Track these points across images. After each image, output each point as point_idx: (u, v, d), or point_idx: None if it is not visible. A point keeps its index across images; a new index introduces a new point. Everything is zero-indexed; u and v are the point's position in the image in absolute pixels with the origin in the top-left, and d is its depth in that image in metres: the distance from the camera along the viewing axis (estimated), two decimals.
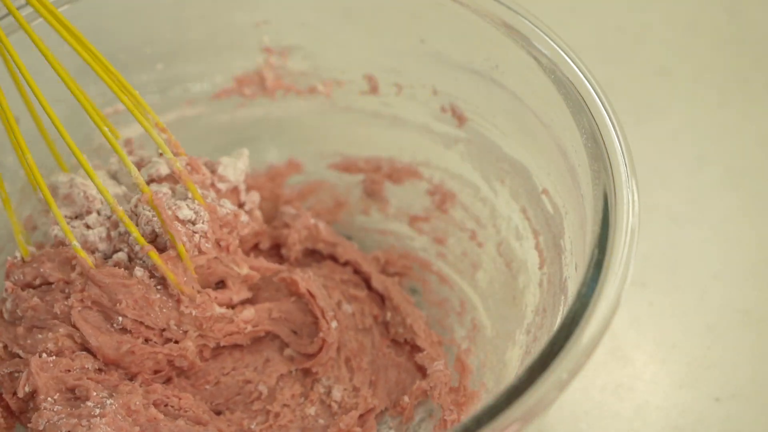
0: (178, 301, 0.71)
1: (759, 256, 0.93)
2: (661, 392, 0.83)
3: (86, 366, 0.69)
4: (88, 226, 0.73)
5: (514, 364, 0.71)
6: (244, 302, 0.77)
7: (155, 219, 0.69)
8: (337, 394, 0.76)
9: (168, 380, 0.74)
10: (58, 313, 0.69)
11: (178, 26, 0.81)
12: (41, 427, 0.64)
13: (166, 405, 0.70)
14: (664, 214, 0.96)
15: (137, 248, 0.70)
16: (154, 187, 0.71)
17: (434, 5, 0.74)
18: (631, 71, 1.09)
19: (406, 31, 0.79)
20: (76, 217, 0.74)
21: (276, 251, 0.86)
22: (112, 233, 0.72)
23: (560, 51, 0.67)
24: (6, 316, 0.72)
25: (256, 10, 0.81)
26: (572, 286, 0.63)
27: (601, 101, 0.64)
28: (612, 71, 0.67)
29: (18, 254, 0.73)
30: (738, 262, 0.93)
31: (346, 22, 0.81)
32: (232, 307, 0.76)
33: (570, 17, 0.75)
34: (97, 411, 0.64)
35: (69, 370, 0.68)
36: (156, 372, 0.73)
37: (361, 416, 0.75)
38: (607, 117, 0.63)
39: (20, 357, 0.70)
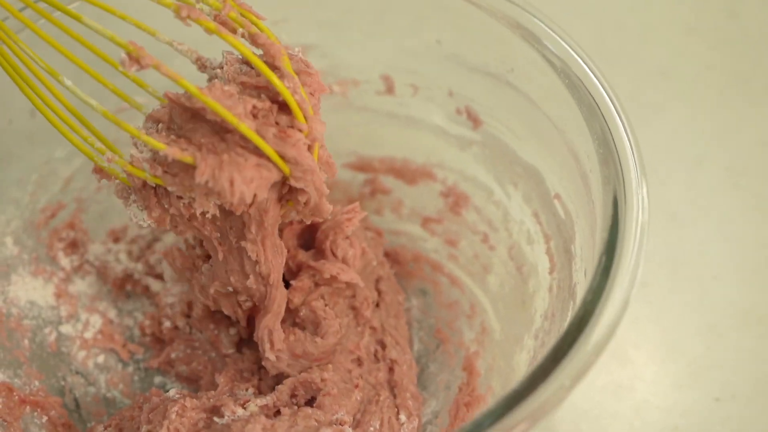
0: None
1: (759, 256, 0.93)
2: (661, 392, 0.84)
3: None
4: None
5: (522, 369, 0.71)
6: None
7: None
8: None
9: None
10: None
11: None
12: None
13: None
14: (664, 213, 0.96)
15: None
16: None
17: (450, 7, 0.74)
18: (632, 71, 1.10)
19: (423, 32, 0.79)
20: None
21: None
22: None
23: (575, 55, 0.66)
24: None
25: (275, 8, 0.80)
26: (581, 292, 0.62)
27: (614, 106, 0.63)
28: (612, 71, 0.67)
29: None
30: (738, 263, 0.93)
31: (363, 21, 0.81)
32: None
33: (570, 17, 0.75)
34: None
35: None
36: None
37: None
38: (619, 122, 0.62)
39: None
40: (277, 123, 0.61)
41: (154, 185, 0.63)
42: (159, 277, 0.86)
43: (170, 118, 0.62)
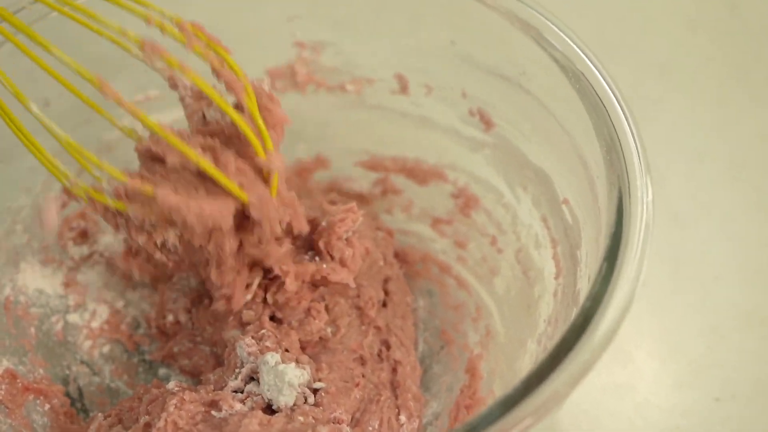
0: None
1: (762, 256, 0.93)
2: (662, 392, 0.84)
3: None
4: None
5: (524, 373, 0.70)
6: None
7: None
8: None
9: None
10: None
11: (212, 18, 0.81)
12: None
13: None
14: (664, 211, 0.96)
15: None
16: None
17: (464, 8, 0.74)
18: (632, 63, 1.09)
19: (437, 32, 0.79)
20: None
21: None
22: None
23: (586, 60, 0.66)
24: None
25: (288, 4, 0.81)
26: (583, 299, 0.62)
27: (624, 113, 0.63)
28: (612, 63, 0.67)
29: None
30: (740, 262, 0.92)
31: (377, 20, 0.81)
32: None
33: (571, 10, 0.75)
34: None
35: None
36: None
37: None
38: (628, 130, 0.62)
39: None
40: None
41: (115, 211, 0.66)
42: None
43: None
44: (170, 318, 0.82)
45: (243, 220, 0.68)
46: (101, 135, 0.81)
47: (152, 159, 0.65)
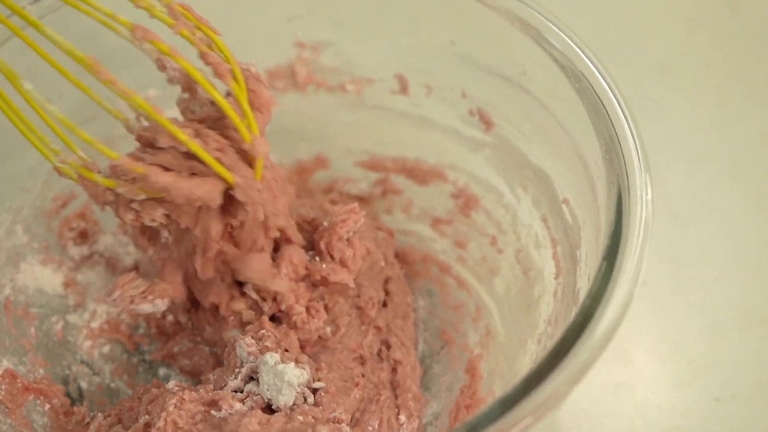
0: None
1: (762, 255, 0.93)
2: (662, 392, 0.84)
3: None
4: None
5: (524, 373, 0.71)
6: None
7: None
8: None
9: None
10: None
11: (212, 18, 0.82)
12: None
13: None
14: (664, 211, 0.96)
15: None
16: None
17: (465, 8, 0.74)
18: (632, 63, 1.09)
19: (438, 32, 0.79)
20: None
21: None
22: None
23: (586, 59, 0.66)
24: None
25: (288, 4, 0.81)
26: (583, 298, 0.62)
27: (623, 113, 0.63)
28: (612, 63, 0.67)
29: None
30: (740, 262, 0.93)
31: (377, 20, 0.81)
32: None
33: (571, 10, 0.75)
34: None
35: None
36: None
37: None
38: (627, 130, 0.62)
39: None
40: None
41: (105, 189, 0.66)
42: None
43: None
44: (170, 318, 0.83)
45: (227, 204, 0.68)
46: (108, 132, 0.81)
47: (145, 144, 0.66)
